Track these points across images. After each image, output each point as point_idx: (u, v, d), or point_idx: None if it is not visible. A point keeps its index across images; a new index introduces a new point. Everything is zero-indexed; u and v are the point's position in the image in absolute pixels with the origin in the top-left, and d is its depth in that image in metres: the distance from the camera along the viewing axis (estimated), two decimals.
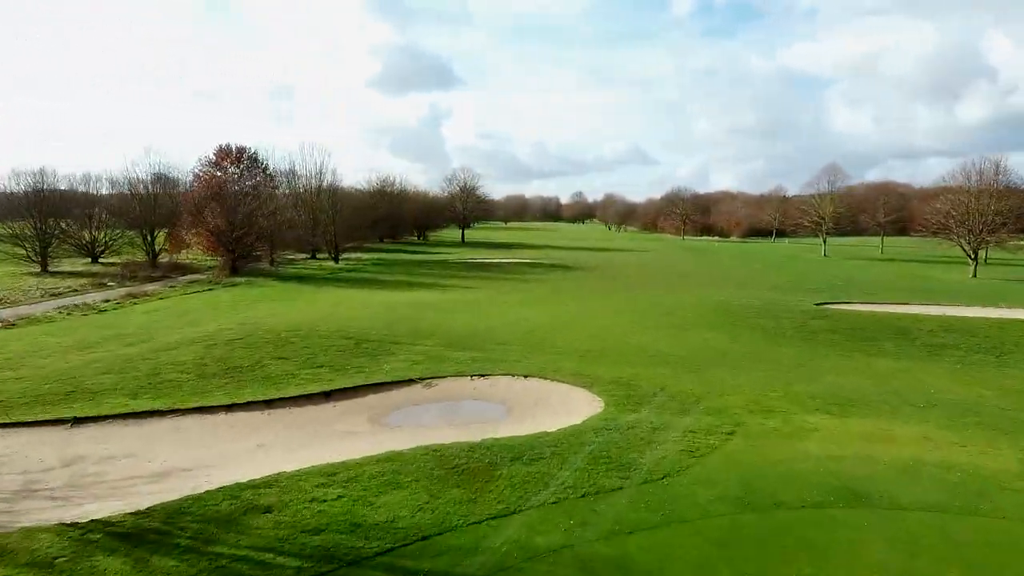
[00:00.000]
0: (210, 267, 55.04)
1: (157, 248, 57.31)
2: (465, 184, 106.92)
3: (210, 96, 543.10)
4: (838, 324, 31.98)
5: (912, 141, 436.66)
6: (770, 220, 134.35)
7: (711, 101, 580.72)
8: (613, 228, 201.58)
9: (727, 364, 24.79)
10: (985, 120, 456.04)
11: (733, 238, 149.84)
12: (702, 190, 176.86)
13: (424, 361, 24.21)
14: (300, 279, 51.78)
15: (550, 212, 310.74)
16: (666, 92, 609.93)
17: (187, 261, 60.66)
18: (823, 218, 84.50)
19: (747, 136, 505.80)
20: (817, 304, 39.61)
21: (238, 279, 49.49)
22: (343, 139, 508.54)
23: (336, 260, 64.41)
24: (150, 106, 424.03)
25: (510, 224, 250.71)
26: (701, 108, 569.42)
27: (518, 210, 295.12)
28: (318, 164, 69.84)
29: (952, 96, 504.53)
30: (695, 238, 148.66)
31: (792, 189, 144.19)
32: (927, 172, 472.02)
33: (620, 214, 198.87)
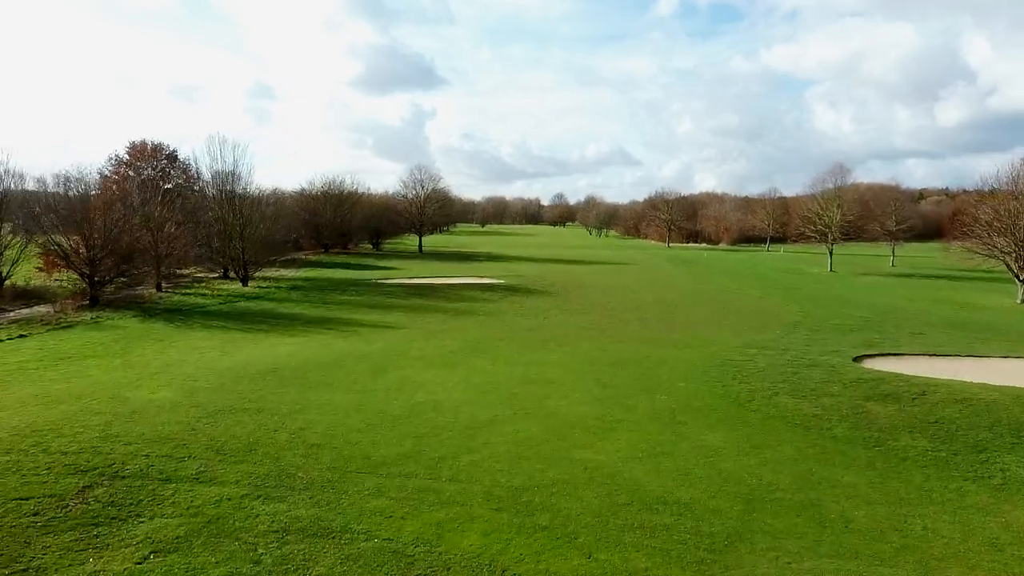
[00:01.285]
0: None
1: (4, 271, 44.60)
2: (423, 184, 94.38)
3: (188, 95, 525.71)
4: (915, 415, 20.58)
5: (892, 142, 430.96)
6: (763, 226, 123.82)
7: (694, 102, 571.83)
8: (594, 232, 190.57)
9: (759, 527, 13.38)
10: (964, 121, 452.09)
11: (723, 245, 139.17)
12: (685, 191, 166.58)
13: (179, 544, 12.44)
14: (173, 313, 39.65)
15: (531, 214, 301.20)
16: (648, 92, 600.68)
17: (53, 285, 48.08)
18: (829, 227, 73.38)
19: (730, 136, 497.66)
20: (856, 359, 28.62)
21: (86, 315, 37.32)
22: (325, 139, 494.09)
23: (244, 282, 52.15)
24: (128, 106, 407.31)
25: (487, 227, 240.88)
26: (684, 108, 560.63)
27: (497, 212, 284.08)
28: (229, 162, 57.22)
29: (932, 97, 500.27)
30: (681, 246, 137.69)
31: (781, 191, 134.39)
32: (907, 173, 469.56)
33: (602, 217, 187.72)
